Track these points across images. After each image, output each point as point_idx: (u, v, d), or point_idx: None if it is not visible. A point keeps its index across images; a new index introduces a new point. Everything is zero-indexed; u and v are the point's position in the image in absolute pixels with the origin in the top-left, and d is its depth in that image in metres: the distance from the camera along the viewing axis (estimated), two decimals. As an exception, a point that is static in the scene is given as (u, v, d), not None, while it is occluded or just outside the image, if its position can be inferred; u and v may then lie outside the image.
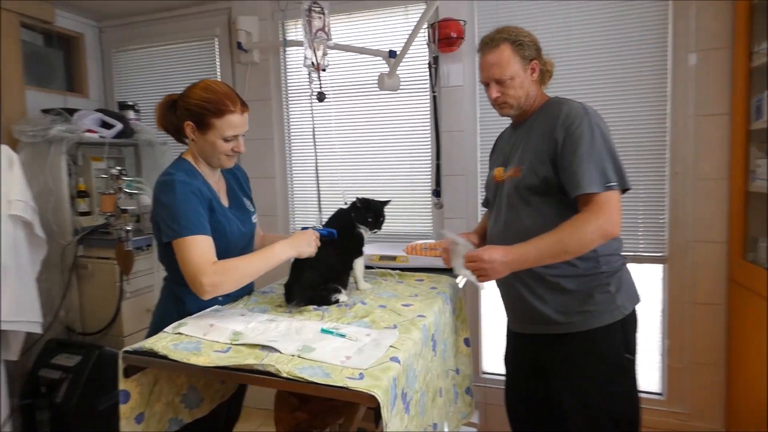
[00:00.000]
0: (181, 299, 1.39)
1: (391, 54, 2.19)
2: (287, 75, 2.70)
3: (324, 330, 1.17)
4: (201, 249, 1.26)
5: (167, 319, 1.31)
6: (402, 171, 2.54)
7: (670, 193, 2.12)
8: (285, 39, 2.63)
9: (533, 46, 1.42)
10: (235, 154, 1.43)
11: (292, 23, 2.65)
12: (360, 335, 1.15)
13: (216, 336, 1.18)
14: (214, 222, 1.38)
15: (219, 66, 2.80)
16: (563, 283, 1.37)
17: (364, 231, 1.56)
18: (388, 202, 1.62)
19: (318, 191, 2.58)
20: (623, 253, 1.44)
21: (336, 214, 1.61)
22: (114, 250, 2.28)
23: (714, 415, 2.13)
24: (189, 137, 1.41)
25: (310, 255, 1.41)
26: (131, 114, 2.72)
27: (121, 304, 2.33)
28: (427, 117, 2.44)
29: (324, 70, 2.08)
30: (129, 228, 2.24)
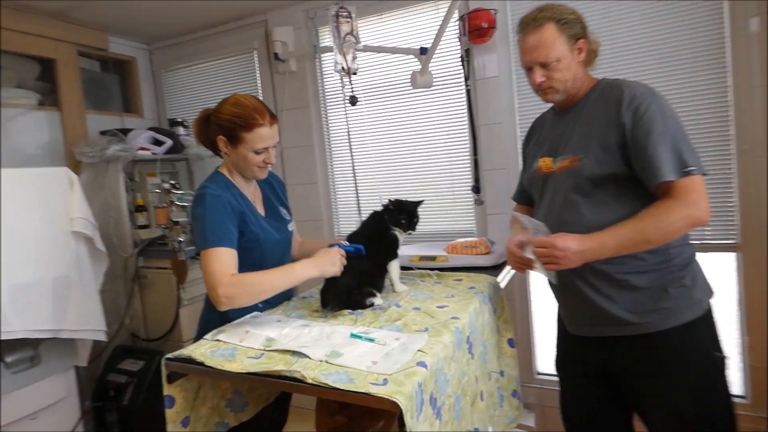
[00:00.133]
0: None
1: (423, 51, 2.16)
2: (324, 81, 2.73)
3: (353, 335, 1.17)
4: (222, 261, 1.29)
5: (210, 326, 1.36)
6: (441, 169, 2.49)
7: (739, 173, 1.92)
8: (315, 46, 2.66)
9: (579, 23, 1.29)
10: (267, 165, 1.46)
11: (325, 30, 2.68)
12: (389, 339, 1.13)
13: (251, 342, 1.21)
14: (247, 232, 1.41)
15: (259, 77, 2.87)
16: (633, 280, 1.24)
17: (398, 233, 1.54)
18: (421, 202, 1.59)
19: (356, 195, 2.59)
20: (692, 242, 1.31)
21: (370, 217, 1.60)
22: (170, 260, 2.41)
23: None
24: (222, 151, 1.46)
25: (334, 274, 1.37)
26: (180, 130, 2.85)
27: (179, 311, 2.45)
28: (463, 112, 2.38)
29: (354, 73, 2.08)
30: (181, 239, 2.35)
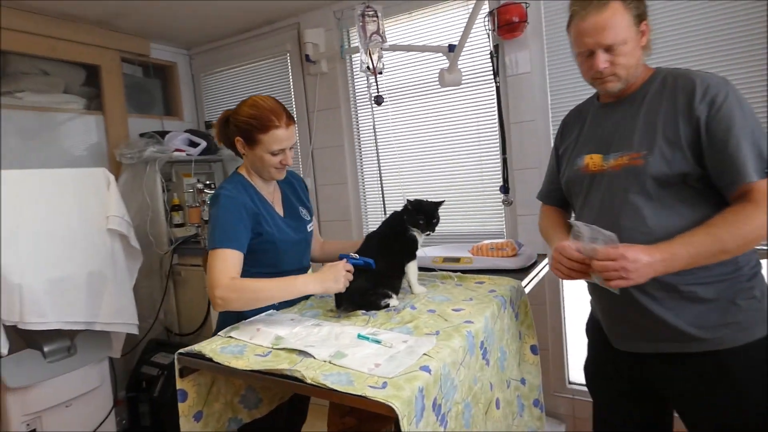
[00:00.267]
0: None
1: (451, 48, 2.12)
2: (354, 82, 2.74)
3: (360, 336, 1.14)
4: (225, 262, 1.30)
5: (227, 323, 1.38)
6: (469, 168, 2.43)
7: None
8: (342, 47, 2.66)
9: (642, 2, 1.17)
10: (284, 166, 1.47)
11: (355, 30, 2.67)
12: (396, 342, 1.10)
13: (260, 340, 1.21)
14: (263, 232, 1.42)
15: (291, 79, 2.92)
16: (700, 292, 1.11)
17: (417, 234, 1.50)
18: (441, 202, 1.54)
19: (382, 194, 2.56)
20: (757, 247, 1.15)
21: (389, 217, 1.58)
22: (202, 258, 2.47)
23: None
24: (240, 152, 1.48)
25: (338, 290, 1.33)
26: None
27: (210, 307, 2.52)
28: (492, 109, 2.31)
29: (380, 73, 2.06)
30: (212, 237, 2.41)
